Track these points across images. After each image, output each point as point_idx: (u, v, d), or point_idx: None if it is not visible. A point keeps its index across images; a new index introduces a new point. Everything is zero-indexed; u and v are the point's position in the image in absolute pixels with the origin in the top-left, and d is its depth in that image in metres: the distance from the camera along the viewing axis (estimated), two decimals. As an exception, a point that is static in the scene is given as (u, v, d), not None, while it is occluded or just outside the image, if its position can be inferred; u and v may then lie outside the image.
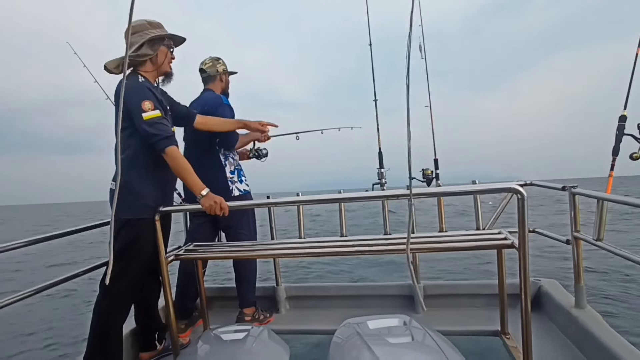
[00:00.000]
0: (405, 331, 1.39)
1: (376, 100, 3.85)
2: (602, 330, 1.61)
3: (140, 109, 1.71)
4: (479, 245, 1.59)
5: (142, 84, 1.79)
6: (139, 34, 1.80)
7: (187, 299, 2.37)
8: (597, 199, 1.58)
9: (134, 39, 1.79)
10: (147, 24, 1.84)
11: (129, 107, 1.72)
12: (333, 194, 1.75)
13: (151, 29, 1.84)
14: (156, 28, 1.86)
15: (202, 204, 1.77)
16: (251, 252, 1.96)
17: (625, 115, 2.52)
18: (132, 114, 1.72)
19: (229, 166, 2.35)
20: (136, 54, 1.80)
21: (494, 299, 2.08)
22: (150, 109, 1.72)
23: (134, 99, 1.72)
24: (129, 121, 1.74)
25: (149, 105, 1.72)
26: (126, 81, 1.75)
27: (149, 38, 1.81)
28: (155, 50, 1.86)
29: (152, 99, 1.75)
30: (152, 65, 1.88)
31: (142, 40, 1.79)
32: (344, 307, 2.50)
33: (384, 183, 3.45)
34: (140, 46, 1.79)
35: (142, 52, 1.81)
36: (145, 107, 1.71)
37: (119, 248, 1.75)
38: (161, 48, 1.88)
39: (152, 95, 1.77)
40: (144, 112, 1.71)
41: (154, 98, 1.77)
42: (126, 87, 1.73)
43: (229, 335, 1.56)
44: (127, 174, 1.75)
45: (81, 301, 5.28)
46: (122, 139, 1.77)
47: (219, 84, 2.50)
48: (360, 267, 6.62)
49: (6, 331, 4.33)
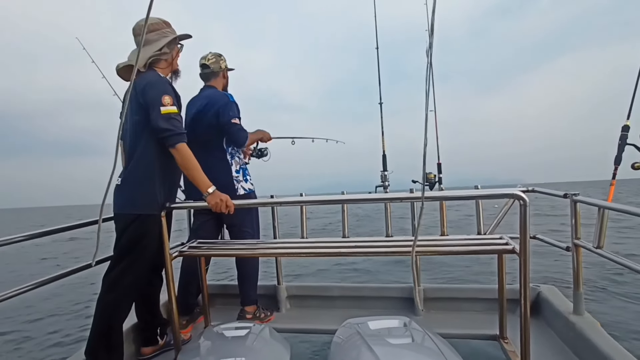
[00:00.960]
0: (406, 332, 1.41)
1: (381, 103, 3.87)
2: (600, 337, 1.63)
3: (160, 102, 1.71)
4: (480, 249, 1.60)
5: (164, 78, 1.81)
6: (157, 32, 1.84)
7: (189, 295, 2.39)
8: (598, 207, 1.60)
9: (152, 36, 1.82)
10: (162, 23, 1.87)
11: (147, 99, 1.72)
12: (336, 195, 1.78)
13: (166, 28, 1.88)
14: (169, 27, 1.89)
15: (208, 202, 1.78)
16: (254, 251, 1.98)
17: (628, 125, 2.54)
18: (150, 106, 1.72)
19: (234, 165, 2.36)
20: (160, 52, 1.83)
21: (493, 304, 2.10)
22: (169, 104, 1.73)
23: (154, 92, 1.72)
24: (143, 115, 1.75)
25: (168, 100, 1.73)
26: (147, 75, 1.77)
27: (171, 39, 1.86)
28: (172, 49, 1.90)
29: (171, 95, 1.77)
30: (166, 63, 1.91)
31: (164, 40, 1.84)
32: (345, 307, 2.52)
33: (387, 186, 3.46)
34: (163, 45, 1.83)
35: (163, 51, 1.84)
36: (164, 101, 1.72)
37: (126, 243, 1.77)
38: (175, 47, 1.93)
39: (171, 91, 1.80)
40: (163, 105, 1.71)
41: (173, 94, 1.80)
42: (147, 80, 1.75)
43: (230, 332, 1.58)
44: (137, 169, 1.77)
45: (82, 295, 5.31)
46: (133, 133, 1.79)
47: (221, 81, 2.47)
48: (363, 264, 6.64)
49: (5, 326, 4.35)
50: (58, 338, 4.01)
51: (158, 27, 1.85)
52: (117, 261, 1.79)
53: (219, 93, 2.39)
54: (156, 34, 1.83)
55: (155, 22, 1.84)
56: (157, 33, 1.84)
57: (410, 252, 1.41)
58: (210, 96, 2.36)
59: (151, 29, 1.81)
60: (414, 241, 1.31)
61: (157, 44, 1.83)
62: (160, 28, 1.85)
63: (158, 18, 1.87)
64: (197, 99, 2.41)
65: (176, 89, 2.04)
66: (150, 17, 1.67)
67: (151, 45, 1.81)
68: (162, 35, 1.85)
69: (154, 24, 1.83)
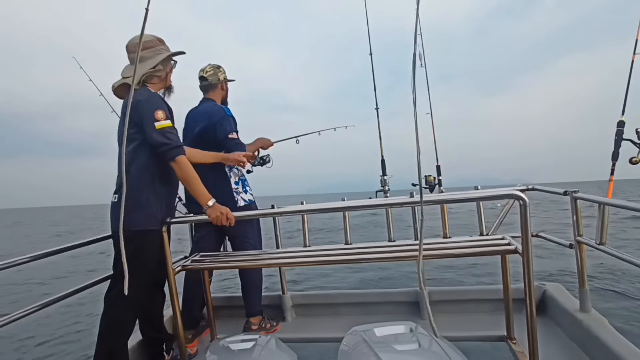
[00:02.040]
0: (412, 338, 1.41)
1: (377, 108, 3.88)
2: (608, 334, 1.62)
3: (153, 118, 1.73)
4: (482, 251, 1.61)
5: (155, 94, 1.83)
6: (150, 49, 1.86)
7: (194, 308, 2.38)
8: (599, 203, 1.61)
9: (146, 53, 1.83)
10: (156, 40, 1.90)
11: (141, 116, 1.73)
12: (337, 202, 1.78)
13: (160, 45, 1.90)
14: (163, 44, 1.92)
15: (209, 215, 1.79)
16: (257, 262, 1.97)
17: (623, 120, 2.56)
18: (144, 123, 1.73)
19: (233, 177, 2.37)
20: (154, 69, 1.85)
21: (499, 304, 2.09)
22: (162, 119, 1.75)
23: (147, 108, 1.74)
24: (138, 131, 1.76)
25: (161, 115, 1.75)
26: (138, 92, 1.79)
27: (166, 56, 1.88)
28: (166, 66, 1.92)
29: (164, 109, 1.79)
30: (159, 80, 1.93)
31: (158, 58, 1.86)
32: (350, 314, 2.51)
33: (387, 190, 3.46)
34: (158, 62, 1.85)
35: (157, 68, 1.87)
36: (158, 116, 1.74)
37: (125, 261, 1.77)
38: (169, 64, 1.95)
39: (164, 105, 1.81)
40: (157, 121, 1.73)
41: (166, 109, 1.81)
42: (139, 97, 1.76)
43: (236, 344, 1.57)
44: (134, 185, 1.74)
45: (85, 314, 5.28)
46: (129, 149, 1.78)
47: (220, 93, 2.49)
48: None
49: (12, 348, 4.33)
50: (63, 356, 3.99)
51: (152, 45, 1.87)
52: (117, 279, 1.78)
53: (215, 107, 2.40)
54: (150, 51, 1.85)
55: (149, 39, 1.86)
56: (151, 50, 1.86)
57: (416, 257, 1.42)
58: (206, 111, 2.38)
59: (145, 46, 1.82)
60: (420, 245, 1.32)
61: (151, 62, 1.85)
62: (154, 45, 1.87)
63: (152, 35, 1.89)
64: (195, 113, 2.43)
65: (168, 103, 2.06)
66: (144, 34, 1.68)
67: (145, 63, 1.83)
68: (155, 53, 1.87)
69: (147, 41, 1.84)
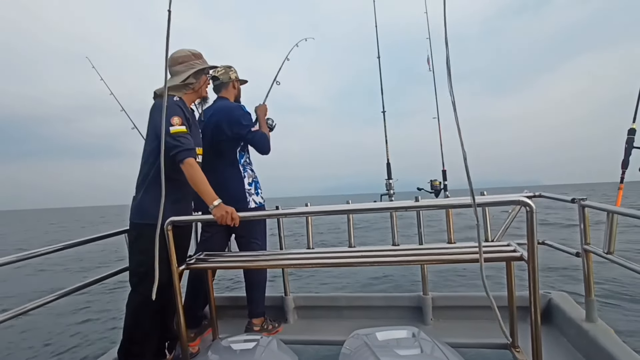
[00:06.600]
0: (414, 343, 1.40)
1: (384, 112, 3.88)
2: (614, 344, 1.60)
3: (169, 123, 1.85)
4: (487, 257, 1.59)
5: (175, 102, 1.94)
6: (185, 64, 2.02)
7: (197, 307, 2.40)
8: (607, 211, 1.58)
9: (180, 68, 2.01)
10: (191, 55, 2.05)
11: (158, 123, 1.83)
12: (341, 205, 1.78)
13: (195, 60, 2.05)
14: (199, 59, 2.07)
15: (214, 214, 1.82)
16: (261, 262, 1.98)
17: (634, 128, 2.52)
18: (160, 128, 1.80)
19: (247, 178, 2.39)
20: (184, 83, 2.00)
21: (503, 311, 2.07)
22: (177, 124, 1.87)
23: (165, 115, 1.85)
24: (157, 139, 1.86)
25: (177, 121, 1.87)
26: (160, 100, 1.92)
27: (196, 70, 2.02)
28: (199, 79, 2.06)
29: (180, 116, 1.90)
30: (193, 91, 2.08)
31: (190, 71, 2.01)
32: (353, 317, 2.50)
33: (392, 194, 3.45)
34: (188, 76, 2.00)
35: (188, 81, 2.01)
36: (173, 122, 1.86)
37: (137, 249, 1.91)
38: (202, 77, 2.08)
39: (181, 112, 1.92)
40: (172, 125, 1.86)
41: (183, 116, 1.92)
42: (159, 105, 1.90)
43: (238, 344, 1.58)
44: (149, 184, 1.90)
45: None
46: (148, 154, 1.94)
47: (232, 91, 2.51)
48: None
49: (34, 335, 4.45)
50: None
51: (186, 60, 2.02)
52: (135, 266, 1.96)
53: (231, 104, 2.43)
54: (183, 65, 2.02)
55: (184, 54, 2.02)
56: (184, 65, 2.02)
57: (419, 262, 1.41)
58: (221, 108, 2.39)
59: (179, 61, 2.01)
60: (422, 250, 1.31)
61: (183, 75, 2.00)
62: (187, 60, 2.03)
63: (188, 50, 2.05)
64: (211, 109, 2.42)
65: (197, 115, 2.21)
66: (181, 50, 1.93)
67: (178, 76, 2.00)
68: (188, 67, 2.02)
69: (182, 56, 2.02)
